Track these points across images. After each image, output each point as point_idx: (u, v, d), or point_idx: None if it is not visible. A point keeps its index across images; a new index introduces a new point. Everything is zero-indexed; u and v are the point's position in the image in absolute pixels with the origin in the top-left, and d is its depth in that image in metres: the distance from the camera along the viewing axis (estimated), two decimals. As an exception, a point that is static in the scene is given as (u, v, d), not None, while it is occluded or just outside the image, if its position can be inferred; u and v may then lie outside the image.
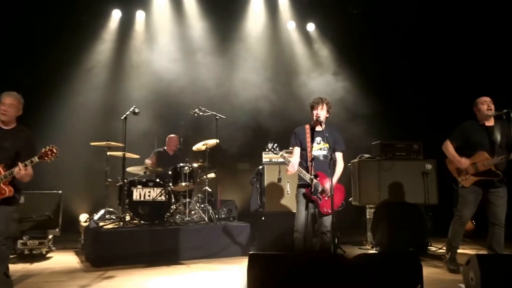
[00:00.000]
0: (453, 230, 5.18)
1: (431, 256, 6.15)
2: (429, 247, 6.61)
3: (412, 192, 6.60)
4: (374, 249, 6.59)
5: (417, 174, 6.68)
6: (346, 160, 5.01)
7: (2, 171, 4.01)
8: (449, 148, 5.12)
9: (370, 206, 6.94)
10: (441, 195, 6.69)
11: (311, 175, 4.62)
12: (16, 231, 4.19)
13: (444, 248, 5.60)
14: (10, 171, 4.00)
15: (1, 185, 3.99)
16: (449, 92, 8.40)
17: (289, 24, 9.65)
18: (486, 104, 4.96)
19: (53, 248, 6.38)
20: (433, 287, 4.41)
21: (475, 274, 3.75)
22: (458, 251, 5.23)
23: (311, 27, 9.76)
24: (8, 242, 4.13)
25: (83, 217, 7.20)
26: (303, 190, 4.70)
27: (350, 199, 6.74)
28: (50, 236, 6.30)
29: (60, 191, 6.54)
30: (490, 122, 5.02)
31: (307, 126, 4.84)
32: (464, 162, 4.98)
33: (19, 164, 3.98)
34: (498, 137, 4.91)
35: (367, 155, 7.00)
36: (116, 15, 8.88)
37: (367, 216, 7.07)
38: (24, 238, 5.95)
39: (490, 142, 4.92)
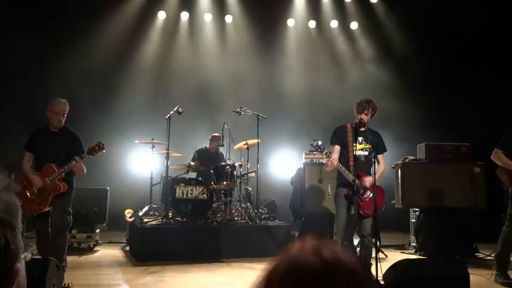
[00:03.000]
0: (504, 243, 4.83)
1: (478, 264, 5.91)
2: (476, 254, 6.36)
3: (459, 196, 6.36)
4: (418, 253, 6.41)
5: (465, 178, 6.42)
6: (387, 161, 4.92)
7: (56, 169, 4.26)
8: (501, 156, 4.79)
9: (415, 209, 6.76)
10: (489, 199, 6.42)
11: (353, 175, 4.55)
12: (70, 224, 4.53)
13: (493, 255, 5.36)
14: (63, 168, 4.26)
15: (56, 181, 4.24)
16: (501, 93, 8.04)
17: (332, 23, 9.56)
18: None
19: (100, 242, 6.63)
20: (480, 296, 4.25)
21: (527, 285, 3.58)
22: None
23: (354, 25, 9.63)
24: (63, 234, 4.40)
25: (128, 213, 7.45)
26: (344, 191, 4.62)
27: (393, 201, 6.60)
28: (97, 230, 6.55)
29: (108, 187, 6.80)
30: None
31: (349, 126, 4.74)
32: None
33: (75, 157, 4.24)
34: None
35: (412, 157, 6.82)
36: (161, 16, 9.12)
37: (411, 220, 6.89)
38: (73, 231, 6.23)
39: None
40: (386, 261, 5.42)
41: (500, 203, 5.87)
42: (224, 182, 6.49)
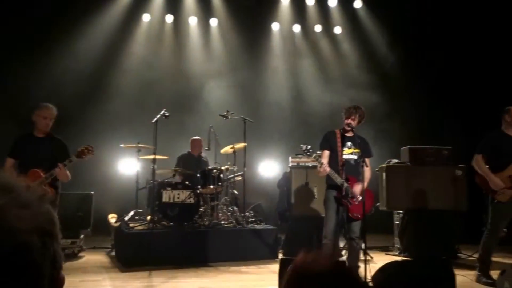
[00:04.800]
0: (486, 245, 4.96)
1: (461, 264, 6.05)
2: (458, 254, 6.51)
3: (441, 198, 6.51)
4: (402, 255, 6.53)
5: (447, 180, 6.58)
6: (373, 165, 5.01)
7: (42, 174, 4.20)
8: (482, 165, 4.90)
9: (398, 211, 6.88)
10: (471, 201, 6.59)
11: (342, 178, 4.62)
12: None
13: (475, 256, 5.50)
14: (50, 173, 4.20)
15: (43, 186, 4.18)
16: (480, 98, 8.26)
17: (316, 27, 9.67)
18: None
19: (84, 247, 6.54)
20: (465, 296, 4.36)
21: (511, 285, 3.70)
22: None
23: (338, 30, 9.75)
24: None
25: (112, 217, 7.36)
26: (333, 193, 4.68)
27: (378, 204, 6.71)
28: (82, 236, 6.47)
29: (92, 192, 6.72)
30: None
31: (337, 131, 4.86)
32: (499, 184, 4.77)
33: (59, 164, 4.19)
34: None
35: (396, 160, 6.95)
36: (146, 18, 9.07)
37: (395, 222, 7.01)
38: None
39: None
40: (372, 263, 5.50)
41: (481, 205, 6.05)
42: (211, 186, 6.48)
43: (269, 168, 8.21)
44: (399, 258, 6.29)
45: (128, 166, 7.79)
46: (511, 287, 3.69)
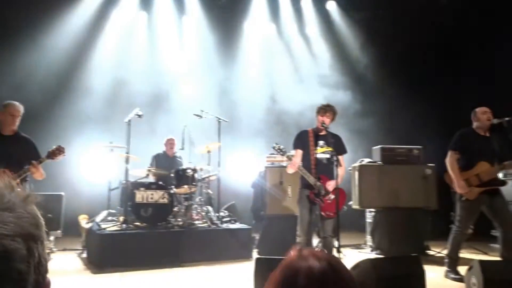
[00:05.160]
0: (454, 242, 5.09)
1: (430, 261, 6.21)
2: (427, 251, 6.68)
3: (411, 196, 6.67)
4: (374, 252, 6.66)
5: (417, 179, 6.74)
6: (347, 164, 5.09)
7: (10, 174, 4.06)
8: (453, 164, 5.00)
9: (371, 210, 7.01)
10: (440, 199, 6.78)
11: (315, 178, 4.68)
12: None
13: (443, 252, 5.65)
14: (19, 173, 4.09)
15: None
16: (453, 98, 8.52)
17: (290, 27, 9.74)
18: (486, 115, 4.99)
19: (54, 249, 6.38)
20: (435, 291, 4.47)
21: (478, 280, 3.83)
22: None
23: (311, 30, 9.85)
24: None
25: (82, 218, 7.21)
26: (306, 192, 4.75)
27: (351, 202, 6.81)
28: (52, 238, 6.31)
29: (63, 193, 6.56)
30: (487, 132, 5.07)
31: (310, 130, 4.92)
32: (464, 187, 4.89)
33: (32, 162, 4.10)
34: (496, 146, 4.96)
35: (368, 159, 7.07)
36: (118, 15, 8.91)
37: (367, 220, 7.14)
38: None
39: (490, 151, 4.94)
40: (344, 260, 5.59)
41: (449, 203, 6.23)
42: (185, 186, 6.44)
43: (244, 168, 8.20)
44: (372, 256, 6.41)
45: (100, 166, 7.63)
46: (478, 282, 3.81)
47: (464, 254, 6.43)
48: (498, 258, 4.98)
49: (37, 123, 7.09)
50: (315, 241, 5.42)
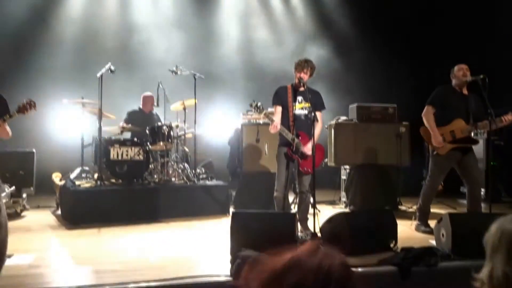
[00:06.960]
0: (425, 196, 5.22)
1: (402, 216, 6.40)
2: (400, 206, 6.89)
3: (385, 154, 6.79)
4: (348, 208, 6.82)
5: (391, 137, 6.83)
6: (325, 121, 5.09)
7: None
8: (429, 118, 5.03)
9: (345, 167, 7.13)
10: (413, 157, 6.93)
11: (292, 134, 4.68)
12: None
13: (414, 207, 5.83)
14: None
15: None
16: (426, 56, 8.56)
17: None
18: (462, 71, 5.02)
19: (27, 207, 6.28)
20: (405, 242, 4.63)
21: (446, 231, 3.97)
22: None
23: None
24: None
25: (56, 176, 7.08)
26: (284, 149, 4.75)
27: (326, 160, 6.89)
28: (24, 195, 6.20)
29: (34, 150, 6.39)
30: (465, 91, 5.12)
31: (289, 86, 4.86)
32: (439, 141, 4.94)
33: None
34: (473, 105, 5.04)
35: (344, 117, 7.12)
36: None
37: (342, 177, 7.26)
38: (-3, 196, 5.83)
39: (466, 109, 5.01)
40: (320, 215, 5.70)
41: (422, 161, 6.39)
42: (161, 143, 6.36)
43: (220, 125, 8.13)
44: (347, 210, 6.58)
45: (72, 122, 7.42)
46: (447, 234, 3.96)
47: (434, 209, 6.63)
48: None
49: (4, 78, 6.81)
50: (291, 197, 5.51)
